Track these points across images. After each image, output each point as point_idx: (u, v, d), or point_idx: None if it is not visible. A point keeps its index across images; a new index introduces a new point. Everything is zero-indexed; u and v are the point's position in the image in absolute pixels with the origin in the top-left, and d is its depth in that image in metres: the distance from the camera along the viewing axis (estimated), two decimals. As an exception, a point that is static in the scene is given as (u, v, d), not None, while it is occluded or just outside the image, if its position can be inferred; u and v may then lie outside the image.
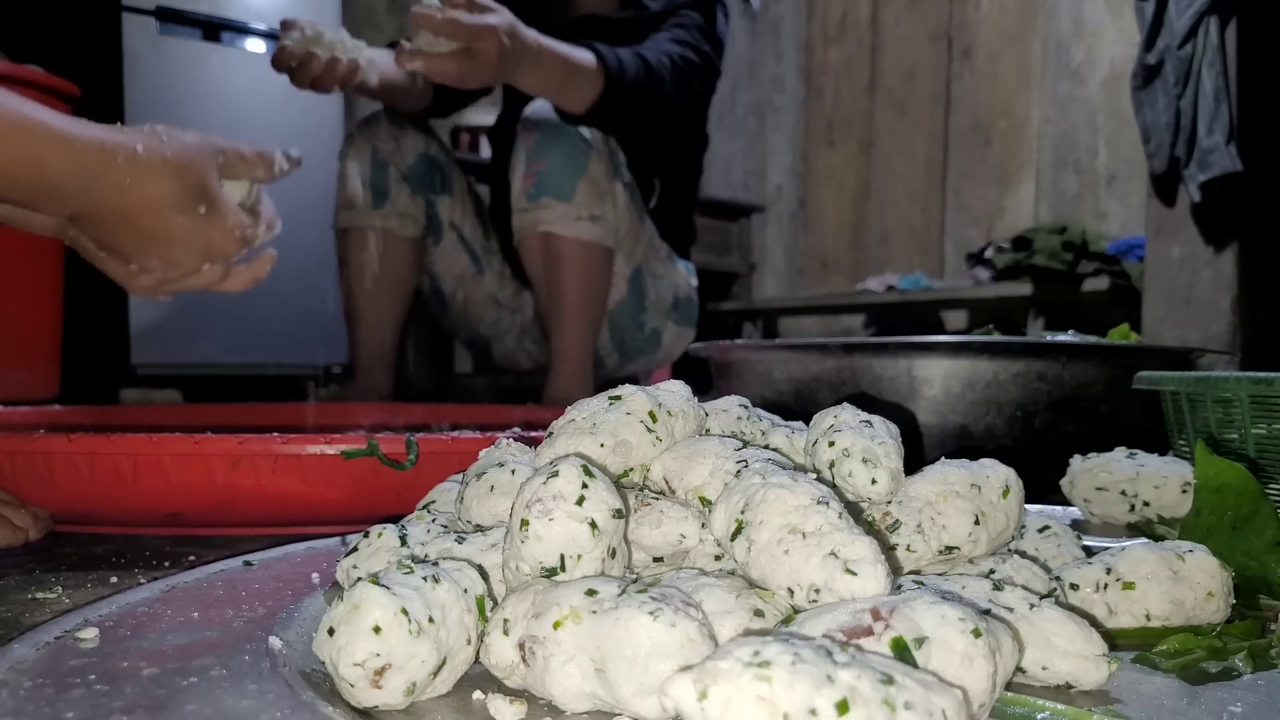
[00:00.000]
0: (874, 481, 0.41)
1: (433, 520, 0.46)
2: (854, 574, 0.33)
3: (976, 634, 0.30)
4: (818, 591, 0.33)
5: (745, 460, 0.41)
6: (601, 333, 1.76)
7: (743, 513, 0.36)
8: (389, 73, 1.54)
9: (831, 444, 0.42)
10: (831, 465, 0.42)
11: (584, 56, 1.48)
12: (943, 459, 0.45)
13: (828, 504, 0.35)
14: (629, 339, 1.82)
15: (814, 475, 0.40)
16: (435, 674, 0.34)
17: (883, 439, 0.42)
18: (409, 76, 1.59)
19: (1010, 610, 0.36)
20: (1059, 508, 0.71)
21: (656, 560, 0.42)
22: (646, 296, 1.80)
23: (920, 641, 0.29)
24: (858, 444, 0.42)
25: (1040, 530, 0.48)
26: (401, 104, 1.72)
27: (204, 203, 0.79)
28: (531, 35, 1.39)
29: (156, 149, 0.76)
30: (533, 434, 0.68)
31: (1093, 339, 1.02)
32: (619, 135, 1.66)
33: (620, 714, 0.32)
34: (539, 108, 1.61)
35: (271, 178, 0.86)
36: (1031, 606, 0.36)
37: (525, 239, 1.66)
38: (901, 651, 0.29)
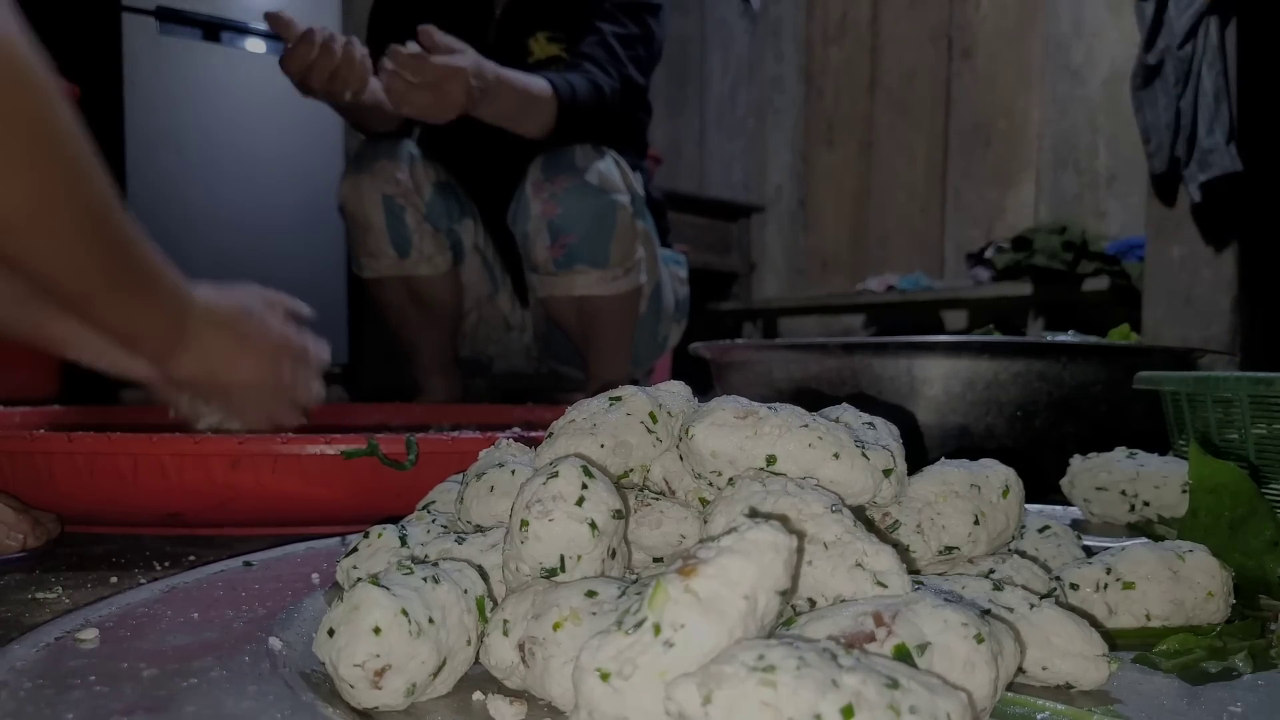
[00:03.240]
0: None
1: (433, 520, 0.45)
2: (884, 586, 0.33)
3: (979, 639, 0.29)
4: (844, 603, 0.33)
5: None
6: None
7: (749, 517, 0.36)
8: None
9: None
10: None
11: (539, 86, 1.48)
12: (943, 459, 0.45)
13: (840, 511, 0.35)
14: (643, 350, 1.81)
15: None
16: (435, 675, 0.34)
17: (886, 441, 0.42)
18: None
19: (1010, 610, 0.36)
20: (1059, 508, 0.71)
21: (656, 560, 0.42)
22: (661, 308, 1.80)
23: (923, 648, 0.29)
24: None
25: (1040, 530, 0.48)
26: (373, 124, 1.67)
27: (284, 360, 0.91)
28: (493, 70, 1.40)
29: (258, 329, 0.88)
30: (533, 434, 0.68)
31: (1093, 339, 1.02)
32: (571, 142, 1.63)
33: (621, 715, 0.32)
34: (550, 164, 1.59)
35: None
36: (1031, 606, 0.36)
37: (555, 299, 1.65)
38: (904, 658, 0.29)
